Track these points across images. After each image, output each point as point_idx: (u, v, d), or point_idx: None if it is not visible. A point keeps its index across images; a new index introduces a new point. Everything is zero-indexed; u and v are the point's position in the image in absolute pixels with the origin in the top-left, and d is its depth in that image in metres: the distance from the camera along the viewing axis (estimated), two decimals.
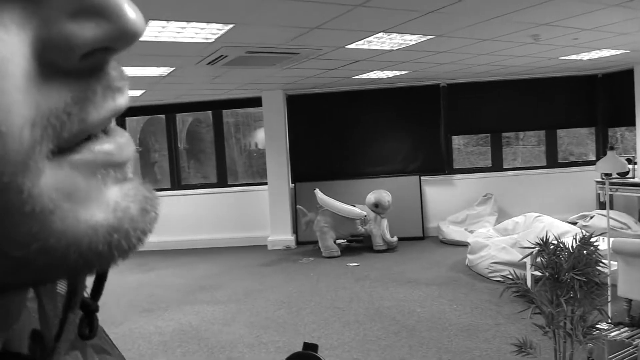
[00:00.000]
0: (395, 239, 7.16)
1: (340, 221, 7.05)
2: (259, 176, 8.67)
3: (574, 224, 6.57)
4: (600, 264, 2.64)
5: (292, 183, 8.08)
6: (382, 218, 7.12)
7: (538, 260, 2.81)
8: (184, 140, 9.11)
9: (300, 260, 6.94)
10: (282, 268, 6.61)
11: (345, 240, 7.40)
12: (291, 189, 8.04)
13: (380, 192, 7.17)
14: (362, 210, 7.09)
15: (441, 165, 8.08)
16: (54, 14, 0.22)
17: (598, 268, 2.62)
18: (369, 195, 7.19)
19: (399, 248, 7.20)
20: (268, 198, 8.00)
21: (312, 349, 0.60)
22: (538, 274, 2.87)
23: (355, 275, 6.02)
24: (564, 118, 8.15)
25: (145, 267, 6.84)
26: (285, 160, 7.99)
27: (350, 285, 5.63)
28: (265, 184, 8.10)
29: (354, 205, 7.14)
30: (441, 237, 7.54)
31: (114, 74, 0.26)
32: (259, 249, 7.78)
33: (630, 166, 6.69)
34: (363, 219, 7.07)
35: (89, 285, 0.34)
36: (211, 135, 8.66)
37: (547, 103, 8.02)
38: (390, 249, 7.13)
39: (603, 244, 3.70)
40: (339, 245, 7.16)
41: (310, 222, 7.21)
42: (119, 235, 0.25)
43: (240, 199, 8.30)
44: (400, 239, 7.30)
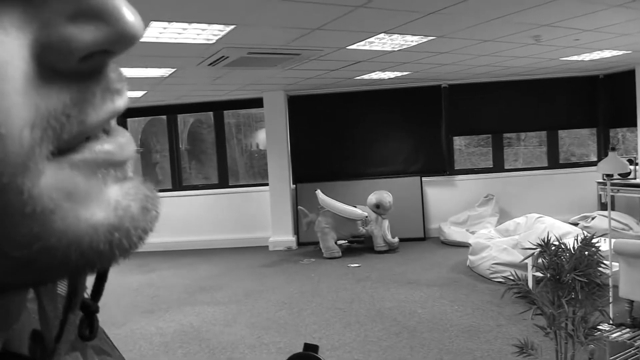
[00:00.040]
0: (397, 239, 7.16)
1: (342, 222, 7.05)
2: (260, 177, 8.67)
3: (576, 225, 6.57)
4: (602, 265, 2.64)
5: (293, 184, 8.08)
6: (383, 219, 7.12)
7: (539, 261, 2.80)
8: (185, 141, 9.13)
9: (301, 261, 6.94)
10: (283, 269, 6.61)
11: (346, 241, 7.40)
12: (292, 189, 8.04)
13: (381, 193, 7.17)
14: (363, 211, 7.08)
15: (442, 166, 8.08)
16: (53, 17, 0.22)
17: (599, 269, 2.61)
18: (370, 196, 7.18)
19: (400, 249, 7.19)
20: (269, 199, 8.00)
21: (313, 350, 0.60)
22: (539, 275, 2.87)
23: (357, 276, 6.02)
24: (566, 119, 8.14)
25: (147, 268, 6.85)
26: (287, 161, 7.99)
27: (351, 286, 5.63)
28: (266, 184, 8.10)
29: (355, 206, 7.13)
30: (442, 238, 7.54)
31: (113, 76, 0.26)
32: (260, 250, 7.78)
33: (632, 167, 6.68)
34: (364, 219, 7.07)
35: (89, 287, 0.34)
36: (212, 136, 8.66)
37: (549, 104, 8.01)
38: (391, 250, 7.13)
39: (604, 245, 3.70)
40: (340, 246, 7.15)
41: (312, 223, 7.21)
42: (120, 234, 0.25)
43: (241, 199, 8.30)
44: (401, 239, 7.30)
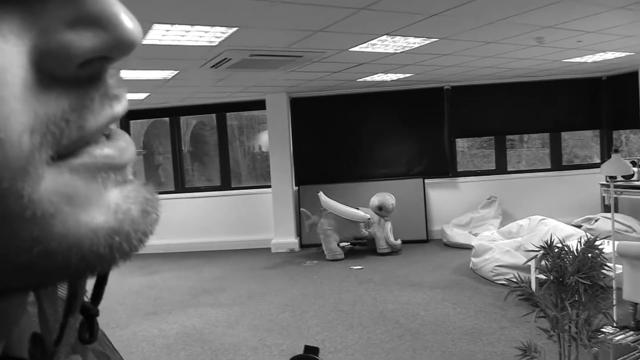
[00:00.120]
0: (399, 242, 7.15)
1: (344, 224, 7.04)
2: (263, 179, 8.68)
3: (579, 227, 6.55)
4: (605, 267, 2.63)
5: (296, 186, 8.08)
6: (386, 221, 7.11)
7: (542, 263, 2.80)
8: (188, 143, 9.15)
9: (304, 263, 6.94)
10: (286, 271, 6.61)
11: (349, 243, 7.39)
12: (295, 191, 8.04)
13: (384, 195, 7.16)
14: (366, 213, 7.08)
15: (445, 168, 8.07)
16: (52, 23, 0.22)
17: (603, 271, 2.61)
18: (372, 198, 7.18)
19: (402, 251, 7.18)
20: (272, 201, 8.00)
21: (313, 352, 0.59)
22: (542, 277, 2.86)
23: (359, 278, 6.02)
24: (569, 121, 8.12)
25: (149, 270, 6.85)
26: (289, 163, 7.99)
27: (354, 288, 5.62)
28: (269, 186, 8.11)
29: (358, 208, 7.13)
30: (445, 240, 7.52)
31: (112, 82, 0.26)
32: (262, 252, 7.78)
33: (635, 169, 6.65)
34: (367, 221, 7.06)
35: (89, 290, 0.34)
36: (215, 138, 8.67)
37: (551, 106, 8.00)
38: (394, 252, 7.12)
39: (608, 247, 3.68)
40: (342, 248, 7.15)
41: (314, 225, 7.20)
42: (120, 238, 0.25)
43: (244, 201, 8.30)
44: (404, 241, 7.29)
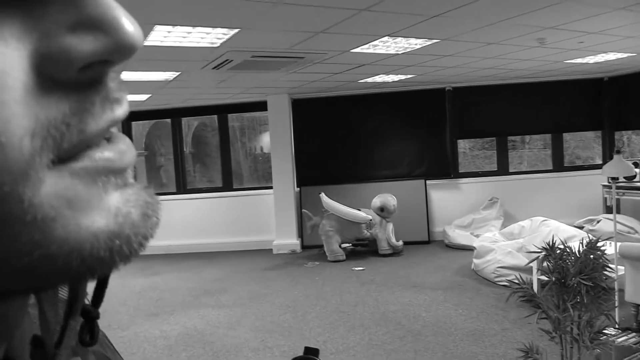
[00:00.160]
0: (401, 243, 7.14)
1: (346, 225, 7.04)
2: (264, 180, 8.69)
3: (581, 228, 6.54)
4: (607, 268, 2.62)
5: (298, 187, 8.08)
6: (388, 222, 7.11)
7: (544, 264, 2.79)
8: (189, 144, 9.15)
9: (305, 265, 6.94)
10: (288, 272, 6.60)
11: (350, 245, 7.39)
12: (296, 192, 8.04)
13: (385, 196, 7.16)
14: (368, 214, 7.08)
15: (447, 169, 8.06)
16: (53, 27, 0.22)
17: (605, 273, 2.60)
18: (374, 199, 7.17)
19: (404, 252, 7.18)
20: (273, 202, 8.00)
21: (314, 354, 0.59)
22: (544, 278, 2.85)
23: (361, 280, 6.01)
24: (570, 121, 8.11)
25: (151, 271, 6.86)
26: (291, 164, 7.99)
27: (355, 290, 5.62)
28: (270, 187, 8.11)
29: (360, 209, 7.13)
30: (447, 241, 7.52)
31: (112, 86, 0.26)
32: (264, 253, 7.78)
33: (637, 170, 6.64)
34: (368, 223, 7.06)
35: (90, 292, 0.34)
36: (217, 139, 8.68)
37: (553, 106, 7.99)
38: (395, 253, 7.11)
39: (610, 248, 3.67)
40: (344, 249, 7.15)
41: (316, 226, 7.20)
42: (121, 241, 0.26)
43: (245, 202, 8.30)
44: (405, 243, 7.28)
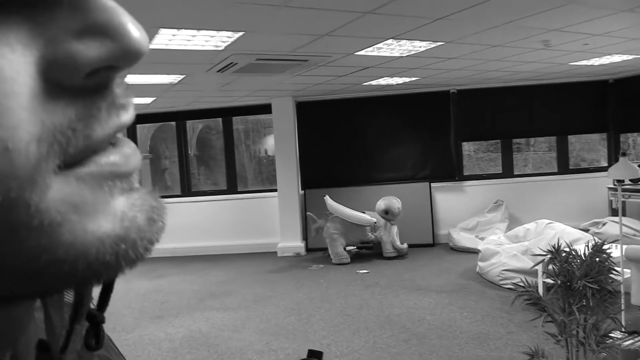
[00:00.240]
0: (405, 245, 7.13)
1: (350, 228, 7.04)
2: (269, 183, 8.69)
3: (586, 231, 6.51)
4: (613, 271, 2.61)
5: (302, 190, 8.08)
6: (392, 225, 7.10)
7: (550, 267, 2.78)
8: (194, 147, 9.17)
9: (310, 267, 6.94)
10: (292, 275, 6.60)
11: (355, 247, 7.38)
12: (301, 195, 8.05)
13: (390, 199, 7.15)
14: (372, 217, 7.07)
15: (451, 172, 8.05)
16: (60, 33, 0.23)
17: (611, 276, 2.59)
18: (379, 202, 7.17)
19: (409, 255, 7.16)
20: (278, 205, 8.00)
21: (317, 357, 0.59)
22: (550, 281, 2.85)
23: (365, 282, 6.00)
24: (575, 124, 8.08)
25: (156, 274, 6.87)
26: (295, 166, 7.99)
27: (360, 292, 5.61)
28: (275, 190, 8.11)
29: (364, 212, 7.12)
30: (451, 244, 7.50)
31: (119, 91, 0.26)
32: (268, 256, 7.78)
33: None
34: (373, 225, 7.05)
35: (95, 296, 0.34)
36: (221, 142, 8.70)
37: (558, 109, 7.97)
38: (400, 256, 7.10)
39: (616, 251, 3.66)
40: (348, 252, 7.14)
41: (320, 229, 7.20)
42: (126, 245, 0.26)
43: (250, 205, 8.31)
44: (410, 245, 7.27)
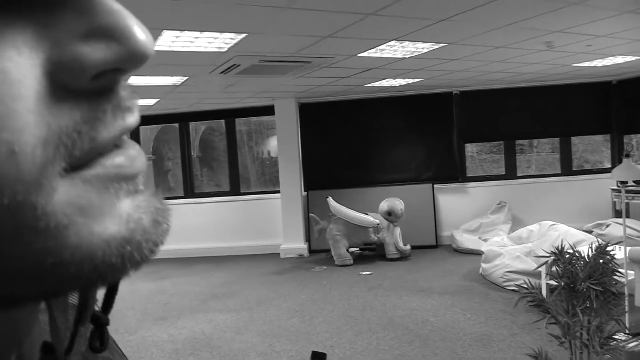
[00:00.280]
0: (408, 247, 7.12)
1: (353, 229, 7.03)
2: (272, 184, 8.70)
3: (590, 232, 6.50)
4: (617, 273, 2.60)
5: (305, 191, 8.08)
6: (395, 226, 7.09)
7: (553, 269, 2.78)
8: (197, 149, 9.18)
9: (312, 269, 6.93)
10: (295, 276, 6.60)
11: (358, 249, 7.38)
12: (304, 197, 8.05)
13: (393, 200, 7.15)
14: (375, 218, 7.06)
15: (454, 173, 8.04)
16: (66, 36, 0.23)
17: (615, 277, 2.58)
18: (381, 204, 7.16)
19: (412, 256, 7.16)
20: (281, 206, 8.00)
21: (320, 358, 0.59)
22: (553, 283, 2.84)
23: (368, 284, 6.00)
24: (578, 125, 8.07)
25: (159, 275, 6.87)
26: (298, 168, 8.00)
27: (363, 294, 5.61)
28: (277, 192, 8.12)
29: (367, 214, 7.12)
30: (454, 246, 7.49)
31: (124, 94, 0.26)
32: (271, 257, 7.78)
33: None
34: (376, 227, 7.05)
35: (100, 298, 0.34)
36: (224, 144, 8.71)
37: (561, 110, 7.95)
38: (403, 258, 7.09)
39: (619, 252, 3.65)
40: (351, 253, 7.13)
41: (323, 231, 7.20)
42: (132, 247, 0.26)
43: (252, 207, 8.32)
44: (413, 247, 7.26)
